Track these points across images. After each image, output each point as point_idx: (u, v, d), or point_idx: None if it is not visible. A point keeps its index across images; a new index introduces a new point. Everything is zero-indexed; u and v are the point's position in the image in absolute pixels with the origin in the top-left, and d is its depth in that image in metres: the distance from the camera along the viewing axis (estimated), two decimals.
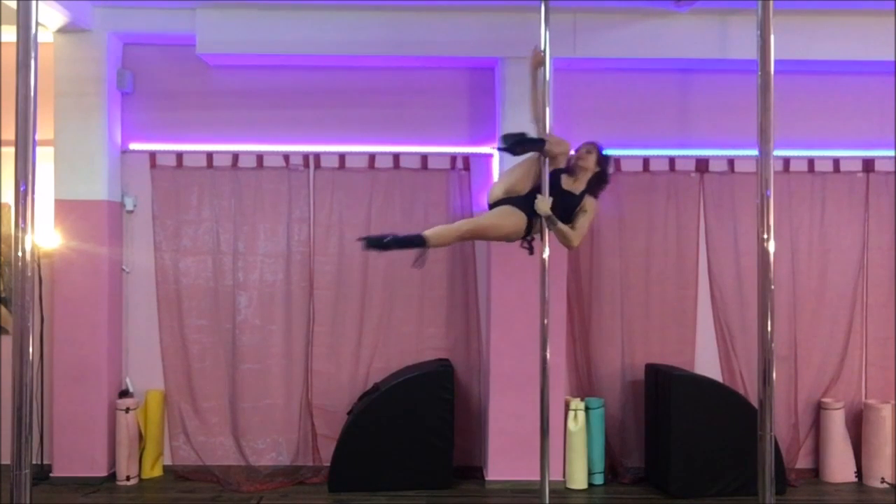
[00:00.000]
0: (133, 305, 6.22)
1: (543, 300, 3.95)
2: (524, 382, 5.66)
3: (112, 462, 5.95)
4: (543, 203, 3.95)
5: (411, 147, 6.26)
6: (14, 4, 2.33)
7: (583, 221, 4.11)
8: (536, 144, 4.02)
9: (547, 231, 4.04)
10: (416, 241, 3.90)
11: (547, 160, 4.05)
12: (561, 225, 3.99)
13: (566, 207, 4.10)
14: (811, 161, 6.30)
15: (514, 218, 4.07)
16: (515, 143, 4.01)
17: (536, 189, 4.08)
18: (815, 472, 6.20)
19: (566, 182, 4.20)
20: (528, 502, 5.51)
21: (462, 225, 4.11)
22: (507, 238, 4.17)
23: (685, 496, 5.61)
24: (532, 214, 4.03)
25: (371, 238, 3.92)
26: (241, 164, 6.22)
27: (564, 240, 4.05)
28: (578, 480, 5.91)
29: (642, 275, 6.29)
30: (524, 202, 4.05)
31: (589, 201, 4.18)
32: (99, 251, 5.90)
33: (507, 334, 5.84)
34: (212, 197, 6.21)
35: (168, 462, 6.18)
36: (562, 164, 4.26)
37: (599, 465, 6.01)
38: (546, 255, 3.94)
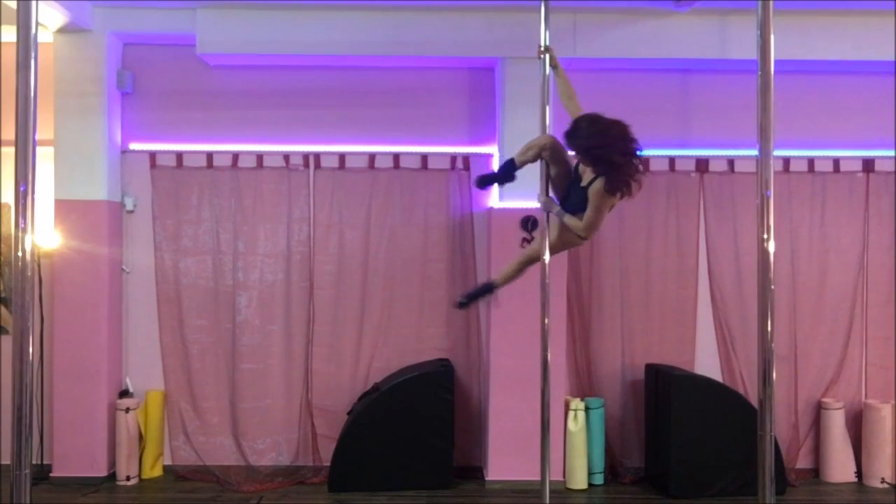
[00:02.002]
0: (133, 305, 6.22)
1: (543, 300, 3.95)
2: (524, 382, 5.66)
3: (112, 462, 5.95)
4: (540, 203, 3.93)
5: (411, 147, 6.27)
6: (14, 4, 2.33)
7: (587, 213, 3.92)
8: (508, 168, 3.99)
9: (546, 230, 3.99)
10: (489, 288, 4.22)
11: (544, 162, 3.98)
12: (567, 218, 3.90)
13: (580, 200, 3.88)
14: (811, 161, 6.30)
15: (555, 230, 4.03)
16: (486, 182, 4.07)
17: (566, 192, 3.99)
18: (815, 472, 6.20)
19: (581, 173, 3.98)
20: (528, 502, 5.51)
21: (517, 259, 4.27)
22: (565, 247, 4.19)
23: (685, 496, 5.61)
24: (571, 212, 3.93)
25: (461, 302, 4.31)
26: (241, 164, 6.22)
27: (575, 230, 3.94)
28: (578, 480, 5.91)
29: (642, 275, 6.29)
30: (564, 207, 3.98)
31: (592, 191, 3.79)
32: (99, 251, 5.90)
33: (507, 334, 5.85)
34: (212, 197, 6.21)
35: (168, 462, 6.18)
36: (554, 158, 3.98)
37: (599, 465, 6.01)
38: (546, 255, 3.92)
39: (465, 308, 4.36)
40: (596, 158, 3.69)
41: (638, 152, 3.68)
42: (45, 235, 5.80)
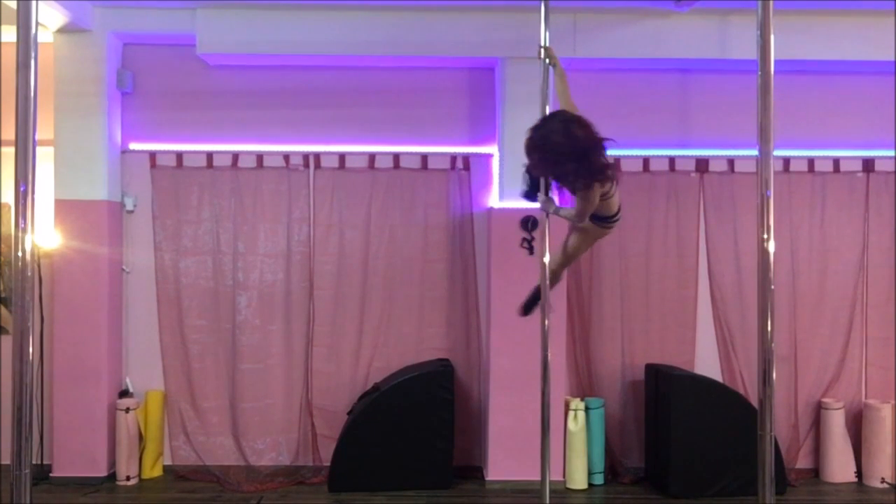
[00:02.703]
0: (133, 305, 6.22)
1: (543, 300, 3.95)
2: (524, 382, 5.66)
3: (112, 462, 5.95)
4: (539, 202, 3.93)
5: (411, 147, 6.26)
6: (14, 4, 2.33)
7: (577, 204, 3.90)
8: (530, 175, 3.92)
9: (547, 231, 4.00)
10: (539, 293, 4.05)
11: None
12: (563, 211, 3.89)
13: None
14: (811, 161, 6.30)
15: (566, 238, 4.04)
16: (531, 192, 3.92)
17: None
18: (815, 472, 6.20)
19: None
20: (528, 502, 5.51)
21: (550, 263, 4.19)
22: (593, 237, 4.05)
23: (685, 496, 5.61)
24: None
25: (524, 310, 4.22)
26: (241, 164, 6.22)
27: (571, 220, 3.94)
28: (578, 480, 5.91)
29: (642, 275, 6.29)
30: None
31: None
32: (99, 251, 5.90)
33: (507, 334, 5.84)
34: (212, 197, 6.21)
35: (168, 462, 6.18)
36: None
37: (599, 465, 6.01)
38: (546, 256, 3.93)
39: (527, 315, 4.26)
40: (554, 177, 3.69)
41: (590, 155, 3.49)
42: (45, 235, 5.80)
